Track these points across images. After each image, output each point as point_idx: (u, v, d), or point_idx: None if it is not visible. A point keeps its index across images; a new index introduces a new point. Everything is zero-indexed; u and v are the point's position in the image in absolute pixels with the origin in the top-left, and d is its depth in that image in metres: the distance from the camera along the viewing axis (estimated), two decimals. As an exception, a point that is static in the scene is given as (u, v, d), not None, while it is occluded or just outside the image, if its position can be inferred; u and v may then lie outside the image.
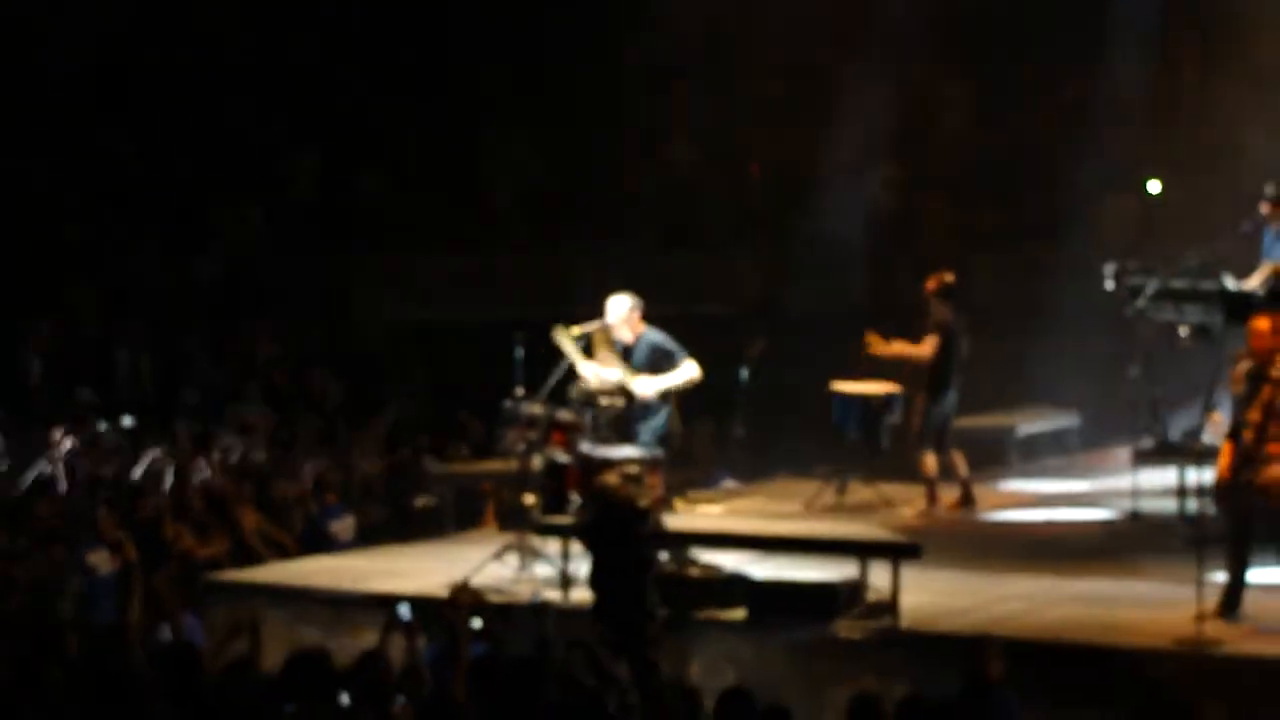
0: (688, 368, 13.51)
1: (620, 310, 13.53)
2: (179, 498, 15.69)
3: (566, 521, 12.59)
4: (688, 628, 11.59)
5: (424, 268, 23.24)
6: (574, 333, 13.35)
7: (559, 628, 10.36)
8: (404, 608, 10.04)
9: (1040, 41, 20.57)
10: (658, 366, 13.48)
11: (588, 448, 13.03)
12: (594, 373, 13.46)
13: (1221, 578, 11.32)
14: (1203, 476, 11.75)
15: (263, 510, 16.04)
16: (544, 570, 12.87)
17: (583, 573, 11.59)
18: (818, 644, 11.37)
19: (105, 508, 14.47)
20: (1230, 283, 14.27)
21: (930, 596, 12.05)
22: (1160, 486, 14.56)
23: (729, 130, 22.80)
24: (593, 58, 22.34)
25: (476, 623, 10.05)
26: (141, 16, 22.77)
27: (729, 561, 12.54)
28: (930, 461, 15.35)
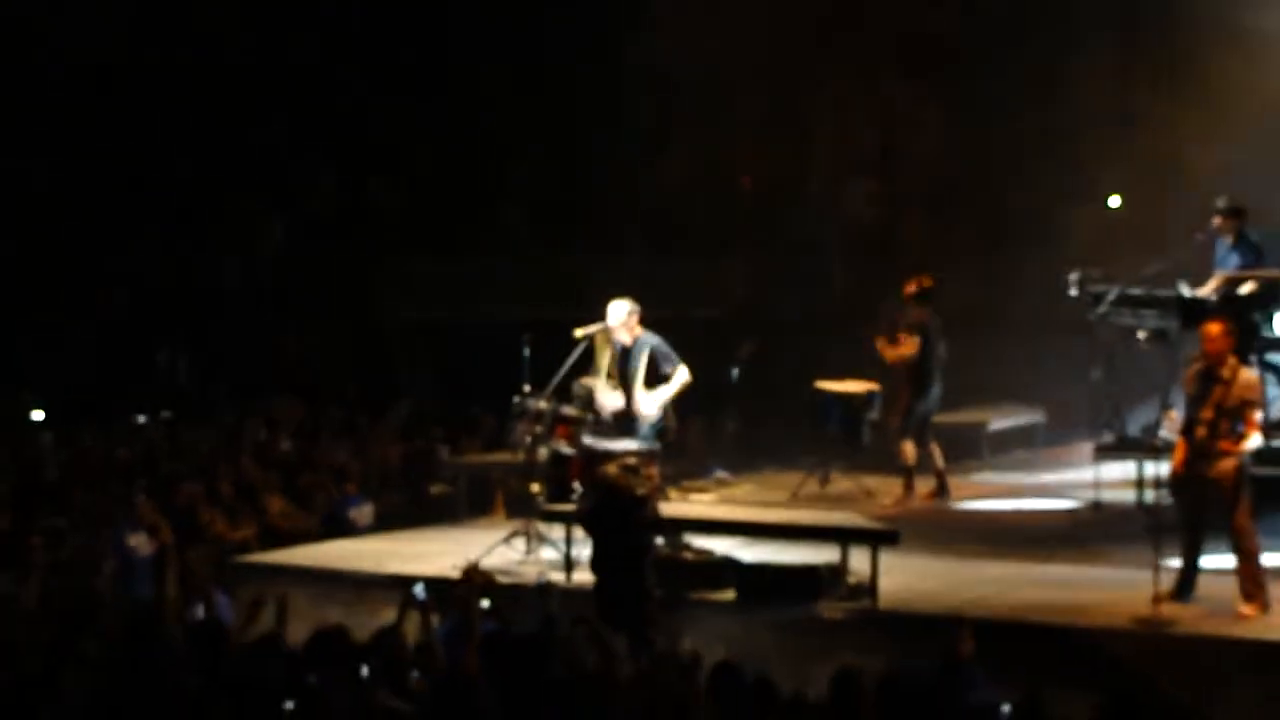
0: (681, 374, 13.48)
1: (620, 314, 13.50)
2: (211, 485, 15.69)
3: (570, 509, 12.59)
4: (682, 607, 11.59)
5: (436, 271, 23.17)
6: (577, 334, 13.35)
7: (563, 606, 10.33)
8: (419, 588, 10.04)
9: (1008, 64, 20.52)
10: (654, 366, 13.49)
11: (590, 441, 13.04)
12: (606, 397, 13.43)
13: (1176, 563, 11.34)
14: (1160, 469, 11.74)
15: (288, 497, 16.05)
16: (549, 554, 12.88)
17: (585, 556, 11.62)
18: (802, 623, 11.38)
19: (144, 494, 14.48)
20: (1185, 290, 14.25)
21: (906, 580, 12.07)
22: (1120, 478, 14.59)
23: (717, 146, 22.70)
24: (593, 58, 21.84)
25: (486, 602, 10.07)
26: (141, 16, 21.98)
27: (720, 546, 12.57)
28: (909, 449, 15.35)
